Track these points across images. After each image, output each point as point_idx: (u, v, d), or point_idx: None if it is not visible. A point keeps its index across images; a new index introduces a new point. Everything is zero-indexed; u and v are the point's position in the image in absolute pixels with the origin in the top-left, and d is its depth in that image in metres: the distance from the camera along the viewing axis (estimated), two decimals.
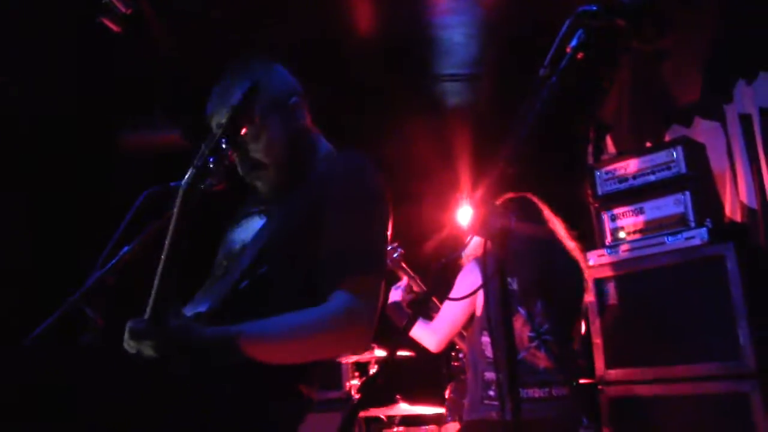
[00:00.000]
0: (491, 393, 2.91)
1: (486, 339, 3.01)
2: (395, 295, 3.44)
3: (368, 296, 1.75)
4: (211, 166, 1.54)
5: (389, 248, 3.69)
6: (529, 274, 3.04)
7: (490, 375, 2.95)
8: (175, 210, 1.53)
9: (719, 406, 3.19)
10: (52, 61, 3.86)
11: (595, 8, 1.27)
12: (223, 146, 1.55)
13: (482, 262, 2.85)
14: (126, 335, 1.54)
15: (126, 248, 1.96)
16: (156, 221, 2.01)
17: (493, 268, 1.35)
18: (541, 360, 2.99)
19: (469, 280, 3.03)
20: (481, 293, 3.00)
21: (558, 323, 3.07)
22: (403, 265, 3.57)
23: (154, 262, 1.62)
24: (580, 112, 5.07)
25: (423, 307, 3.08)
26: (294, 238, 1.84)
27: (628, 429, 3.46)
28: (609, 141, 4.97)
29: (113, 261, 1.93)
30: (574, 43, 1.28)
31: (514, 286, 3.03)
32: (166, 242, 1.52)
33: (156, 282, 1.52)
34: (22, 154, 3.70)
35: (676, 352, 3.33)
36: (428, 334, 3.11)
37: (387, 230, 1.90)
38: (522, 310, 3.02)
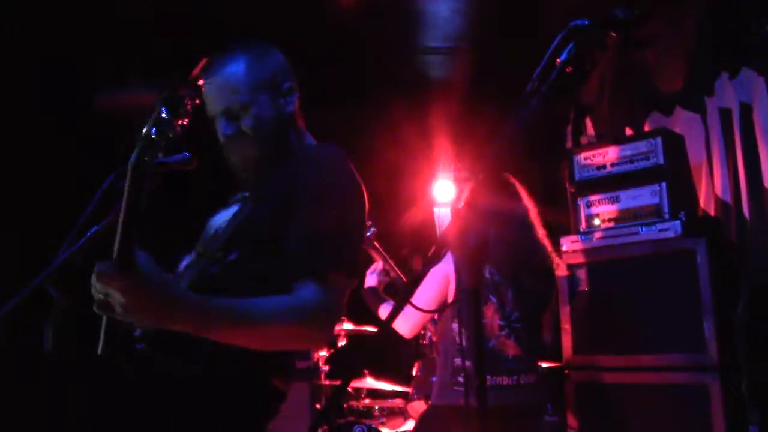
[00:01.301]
0: (460, 379, 2.93)
1: (456, 326, 3.02)
2: (371, 279, 3.40)
3: (336, 291, 1.73)
4: (153, 137, 1.48)
5: None
6: (502, 262, 3.04)
7: (459, 361, 2.97)
8: (126, 186, 1.47)
9: (680, 395, 3.24)
10: (25, 20, 3.73)
11: (587, 23, 1.24)
12: (164, 116, 1.49)
13: (457, 272, 2.87)
14: (93, 279, 1.48)
15: (94, 228, 1.92)
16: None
17: (470, 281, 1.33)
18: (510, 348, 3.01)
19: (440, 268, 3.03)
20: (453, 281, 3.01)
21: (528, 312, 3.09)
22: (376, 245, 3.52)
23: None
24: (560, 92, 5.04)
25: (401, 293, 3.07)
26: (264, 225, 1.82)
27: (592, 414, 3.51)
28: (588, 123, 4.97)
29: (81, 241, 1.89)
30: (564, 56, 1.25)
31: (487, 274, 3.03)
32: (120, 219, 1.46)
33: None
34: None
35: (642, 341, 3.37)
36: (402, 321, 3.11)
37: (361, 226, 1.87)
38: (494, 298, 3.03)
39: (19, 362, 1.55)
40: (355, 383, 4.15)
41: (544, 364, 3.38)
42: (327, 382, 4.33)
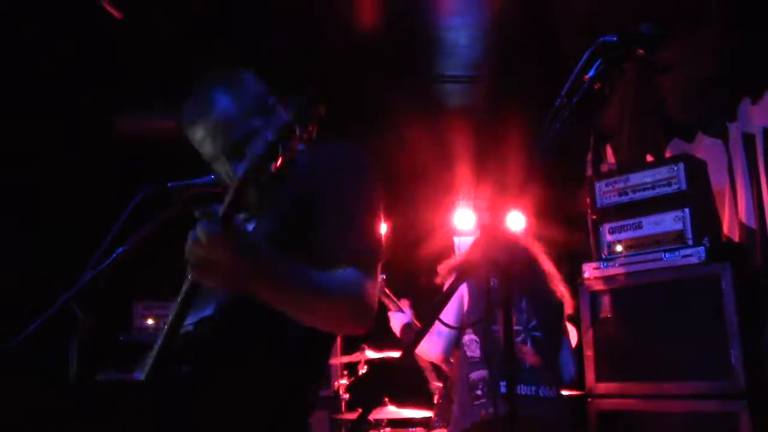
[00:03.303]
0: (478, 392, 2.89)
1: (469, 337, 2.99)
2: (404, 317, 3.40)
3: (374, 276, 1.73)
4: (279, 146, 1.39)
5: None
6: (512, 273, 3.00)
7: (474, 375, 2.93)
8: (245, 169, 1.41)
9: (708, 424, 3.19)
10: (48, 46, 3.80)
11: (615, 39, 1.24)
12: (297, 132, 1.41)
13: (486, 295, 2.85)
14: (197, 238, 1.41)
15: (120, 249, 1.94)
16: (150, 223, 1.98)
17: (499, 301, 1.32)
18: (528, 355, 2.96)
19: (460, 291, 3.01)
20: (466, 294, 2.99)
21: (545, 319, 3.05)
22: (387, 291, 3.54)
23: (147, 263, 1.58)
24: (588, 109, 5.03)
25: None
26: (289, 232, 1.81)
27: None
28: (609, 150, 4.95)
29: (107, 262, 1.91)
30: (591, 73, 1.25)
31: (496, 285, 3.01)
32: (233, 187, 1.42)
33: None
34: (14, 142, 3.66)
35: (667, 368, 3.33)
36: (431, 347, 3.08)
37: (380, 215, 1.86)
38: None
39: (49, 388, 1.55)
40: (376, 412, 4.11)
41: (565, 392, 3.32)
42: (348, 415, 4.30)
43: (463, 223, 5.83)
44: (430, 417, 3.97)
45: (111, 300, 1.89)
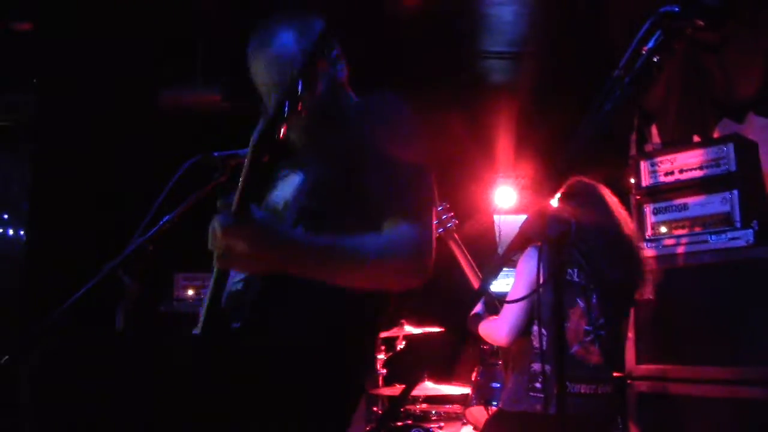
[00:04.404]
0: (537, 385, 2.85)
1: (536, 328, 2.95)
2: (476, 306, 3.32)
3: (428, 226, 1.75)
4: (285, 111, 1.40)
5: (444, 216, 3.64)
6: (588, 266, 2.94)
7: (536, 366, 2.89)
8: (246, 162, 1.46)
9: (750, 410, 3.13)
10: (95, 20, 3.84)
11: (677, 9, 1.20)
12: (300, 90, 1.41)
13: (539, 264, 2.80)
14: (214, 232, 1.47)
15: (166, 217, 1.96)
16: (197, 191, 2.00)
17: (550, 272, 1.30)
18: (594, 355, 2.92)
19: (529, 268, 2.95)
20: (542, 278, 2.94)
21: (612, 317, 3.00)
22: (455, 236, 3.49)
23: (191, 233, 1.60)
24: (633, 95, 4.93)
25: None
26: (339, 182, 1.82)
27: (655, 426, 3.42)
28: (654, 130, 4.85)
29: (153, 229, 1.93)
30: (651, 44, 1.21)
31: (575, 278, 2.94)
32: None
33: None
34: (63, 114, 3.71)
35: (710, 352, 3.27)
36: (497, 330, 3.04)
37: (431, 163, 1.86)
38: (581, 302, 2.94)
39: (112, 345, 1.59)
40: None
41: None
42: (385, 390, 4.32)
43: (503, 201, 5.80)
44: (468, 394, 3.97)
45: (155, 269, 1.91)
